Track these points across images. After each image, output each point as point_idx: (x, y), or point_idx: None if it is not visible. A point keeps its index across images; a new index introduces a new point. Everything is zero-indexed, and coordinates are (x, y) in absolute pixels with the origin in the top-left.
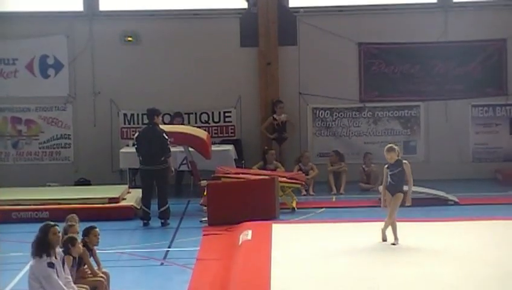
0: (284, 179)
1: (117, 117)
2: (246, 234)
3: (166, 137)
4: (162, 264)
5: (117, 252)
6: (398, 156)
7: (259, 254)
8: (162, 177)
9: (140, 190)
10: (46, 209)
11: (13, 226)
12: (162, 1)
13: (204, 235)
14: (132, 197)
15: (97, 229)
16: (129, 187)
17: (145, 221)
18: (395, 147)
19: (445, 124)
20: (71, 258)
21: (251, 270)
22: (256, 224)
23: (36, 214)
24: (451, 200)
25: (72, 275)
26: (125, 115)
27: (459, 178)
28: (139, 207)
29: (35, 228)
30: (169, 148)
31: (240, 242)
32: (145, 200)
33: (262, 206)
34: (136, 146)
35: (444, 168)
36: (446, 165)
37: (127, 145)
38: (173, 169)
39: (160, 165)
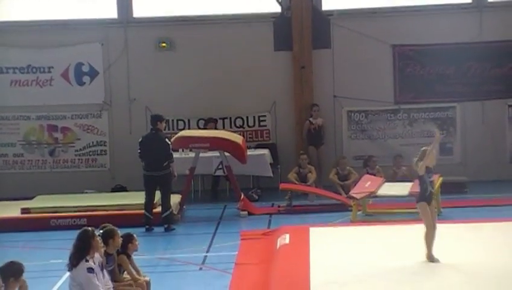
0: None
1: None
2: (284, 238)
3: (169, 142)
4: (200, 269)
5: (155, 257)
6: None
7: (297, 257)
8: (165, 182)
9: (177, 195)
10: (83, 216)
11: (51, 234)
12: (196, 7)
13: (242, 239)
14: None
15: (135, 236)
16: None
17: (148, 226)
18: None
19: (481, 125)
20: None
21: (290, 274)
22: (293, 228)
23: (74, 221)
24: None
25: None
26: None
27: (496, 179)
28: (176, 213)
29: (74, 235)
30: (171, 154)
31: (278, 246)
32: (148, 205)
33: None
34: (139, 152)
35: (481, 169)
36: (483, 167)
37: None
38: (175, 174)
39: (163, 170)
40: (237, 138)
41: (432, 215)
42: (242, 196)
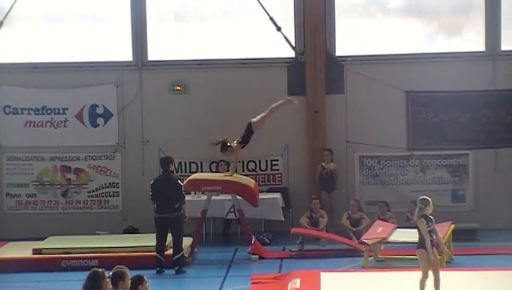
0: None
1: None
2: (295, 282)
3: (181, 184)
4: None
5: None
6: None
7: None
8: (177, 225)
9: (188, 238)
10: (95, 258)
11: (63, 275)
12: (210, 51)
13: (252, 283)
14: None
15: (146, 278)
16: None
17: (159, 269)
18: None
19: (494, 172)
20: None
21: None
22: (304, 272)
23: (85, 262)
24: None
25: None
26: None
27: (509, 227)
28: (187, 255)
29: (85, 276)
30: (183, 195)
31: None
32: (159, 248)
33: None
34: (151, 194)
35: (493, 216)
36: (495, 214)
37: None
38: (187, 216)
39: (174, 212)
40: (249, 182)
41: (430, 263)
42: (253, 240)
